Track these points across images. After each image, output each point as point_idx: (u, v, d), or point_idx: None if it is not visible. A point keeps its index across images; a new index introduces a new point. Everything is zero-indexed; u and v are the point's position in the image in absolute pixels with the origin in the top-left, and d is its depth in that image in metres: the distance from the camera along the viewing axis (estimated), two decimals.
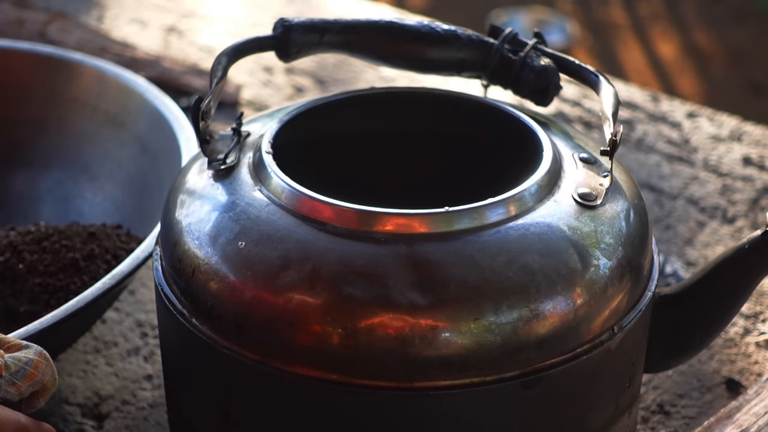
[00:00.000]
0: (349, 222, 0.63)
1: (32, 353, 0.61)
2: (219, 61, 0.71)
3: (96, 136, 0.98)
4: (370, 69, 1.29)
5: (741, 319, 0.93)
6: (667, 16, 2.75)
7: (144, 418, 0.84)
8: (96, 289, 0.73)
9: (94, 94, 0.98)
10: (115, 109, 0.97)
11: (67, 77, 1.00)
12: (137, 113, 0.95)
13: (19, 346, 0.62)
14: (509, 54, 0.74)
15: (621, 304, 0.65)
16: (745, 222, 1.05)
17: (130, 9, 1.42)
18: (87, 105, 0.98)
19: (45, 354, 0.62)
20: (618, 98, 0.69)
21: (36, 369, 0.61)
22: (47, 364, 0.61)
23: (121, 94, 0.97)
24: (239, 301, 0.62)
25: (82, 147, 0.98)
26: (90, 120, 0.98)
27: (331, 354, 0.61)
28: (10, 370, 0.60)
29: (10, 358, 0.60)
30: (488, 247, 0.62)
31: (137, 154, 0.94)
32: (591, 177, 0.68)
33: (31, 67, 1.01)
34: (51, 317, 0.71)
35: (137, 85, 0.96)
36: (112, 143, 0.96)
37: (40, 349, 0.62)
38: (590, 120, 1.20)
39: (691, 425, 0.83)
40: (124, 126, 0.96)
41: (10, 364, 0.60)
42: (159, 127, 0.92)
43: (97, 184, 0.97)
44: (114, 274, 0.75)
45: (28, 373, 0.60)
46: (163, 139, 0.91)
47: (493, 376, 0.61)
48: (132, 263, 0.76)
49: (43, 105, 1.00)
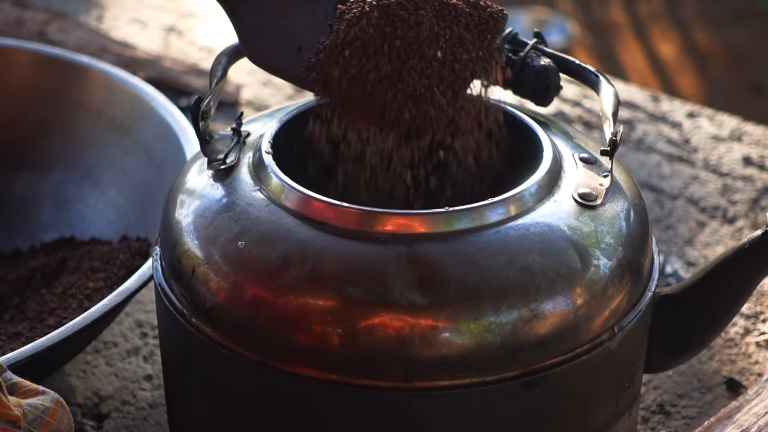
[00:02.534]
0: (349, 222, 0.62)
1: (49, 401, 0.62)
2: (219, 61, 0.71)
3: (100, 141, 0.97)
4: None
5: (741, 319, 0.93)
6: (667, 16, 2.75)
7: (144, 418, 0.83)
8: (103, 306, 0.73)
9: (99, 98, 0.97)
10: (121, 115, 0.96)
11: (73, 80, 0.99)
12: (143, 121, 0.94)
13: (35, 392, 0.63)
14: (509, 54, 0.74)
15: (621, 304, 0.64)
16: (745, 222, 1.05)
17: (130, 9, 1.42)
18: (92, 109, 0.97)
19: (61, 401, 0.63)
20: (618, 98, 0.69)
21: (52, 417, 0.61)
22: (63, 412, 0.62)
23: (127, 101, 0.96)
24: (239, 301, 0.62)
25: (85, 151, 0.97)
26: (95, 125, 0.97)
27: (331, 354, 0.61)
28: (27, 418, 0.61)
29: (27, 406, 0.61)
30: (488, 247, 0.62)
31: (142, 162, 0.93)
32: (591, 177, 0.68)
33: (36, 68, 1.00)
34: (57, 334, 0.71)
35: (144, 93, 0.95)
36: (117, 149, 0.95)
37: (57, 396, 0.63)
38: (590, 120, 1.20)
39: (691, 425, 0.83)
40: (129, 133, 0.95)
41: (27, 413, 0.61)
42: (165, 137, 0.91)
43: (99, 190, 0.96)
44: (120, 291, 0.74)
45: (45, 421, 0.61)
46: (169, 149, 0.90)
47: (493, 376, 0.61)
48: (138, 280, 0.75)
49: (47, 107, 0.99)
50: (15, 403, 0.60)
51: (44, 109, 0.99)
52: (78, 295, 0.83)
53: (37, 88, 1.00)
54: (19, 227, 0.97)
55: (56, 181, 0.98)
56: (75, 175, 0.97)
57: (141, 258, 0.84)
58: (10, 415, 0.59)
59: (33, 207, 0.97)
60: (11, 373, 0.63)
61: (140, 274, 0.75)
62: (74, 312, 0.81)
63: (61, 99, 0.99)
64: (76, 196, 0.97)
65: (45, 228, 0.96)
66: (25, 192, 0.97)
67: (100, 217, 0.95)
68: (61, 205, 0.97)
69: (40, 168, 0.99)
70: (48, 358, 0.74)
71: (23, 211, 0.98)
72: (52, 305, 0.83)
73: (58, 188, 0.98)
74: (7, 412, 0.59)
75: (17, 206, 0.98)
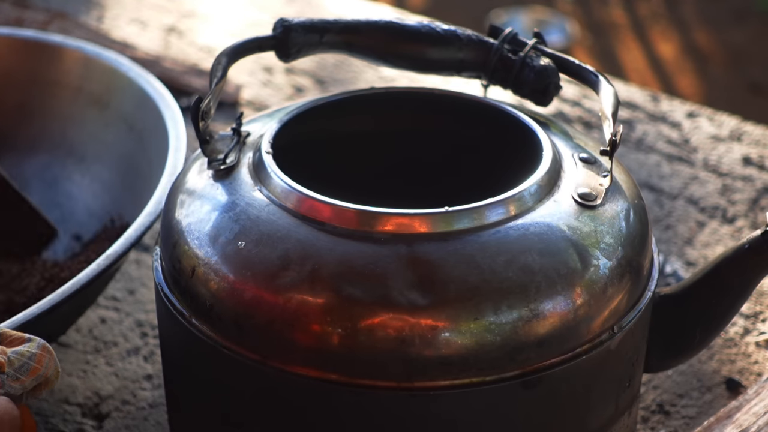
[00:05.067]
0: (349, 222, 0.63)
1: (35, 347, 0.61)
2: (219, 61, 0.71)
3: (81, 117, 0.97)
4: (370, 69, 1.29)
5: (741, 319, 0.93)
6: (667, 16, 2.75)
7: (144, 418, 0.84)
8: (91, 271, 0.73)
9: (76, 75, 0.97)
10: (98, 89, 0.96)
11: (48, 60, 0.99)
12: (122, 93, 0.94)
13: (22, 340, 0.62)
14: (509, 54, 0.74)
15: (621, 304, 0.65)
16: (745, 222, 1.05)
17: (130, 9, 1.42)
18: (70, 87, 0.98)
19: (47, 347, 0.62)
20: (618, 98, 0.69)
21: (39, 363, 0.61)
22: (50, 357, 0.61)
23: (104, 75, 0.96)
24: (239, 301, 0.62)
25: (67, 129, 0.97)
26: (74, 102, 0.97)
27: (331, 354, 0.61)
28: (14, 365, 0.60)
29: (12, 353, 0.60)
30: (488, 247, 0.62)
31: (123, 133, 0.94)
32: (591, 177, 0.68)
33: (11, 51, 1.00)
34: (48, 301, 0.71)
35: (121, 65, 0.95)
36: (97, 124, 0.96)
37: (43, 342, 0.62)
38: (590, 120, 1.20)
39: (691, 425, 0.83)
40: (109, 106, 0.95)
41: (13, 360, 0.60)
42: (144, 105, 0.91)
43: (84, 166, 0.96)
44: (108, 254, 0.74)
45: (32, 367, 0.60)
46: (149, 117, 0.90)
47: (493, 376, 0.61)
48: (125, 243, 0.75)
49: (25, 89, 0.99)
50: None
51: (22, 92, 0.99)
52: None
53: (14, 71, 1.00)
54: None
55: (42, 161, 0.98)
56: (59, 153, 0.98)
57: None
58: None
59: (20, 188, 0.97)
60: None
61: (126, 237, 0.76)
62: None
63: (39, 80, 0.99)
64: (62, 174, 0.97)
65: None
66: (12, 174, 0.96)
67: (87, 192, 0.95)
68: (49, 184, 0.97)
69: (24, 150, 0.99)
70: (40, 328, 0.73)
71: None
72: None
73: (44, 168, 0.98)
74: None
75: None
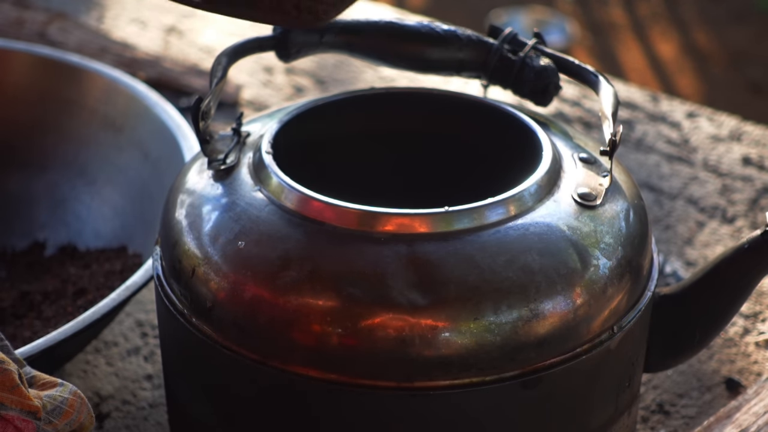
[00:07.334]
0: (349, 222, 0.63)
1: (67, 392, 0.63)
2: (219, 61, 0.71)
3: (94, 139, 0.97)
4: (370, 69, 1.29)
5: (741, 319, 0.93)
6: (667, 16, 2.75)
7: (144, 418, 0.84)
8: (111, 300, 0.74)
9: (92, 97, 0.98)
10: (114, 113, 0.96)
11: (67, 80, 0.99)
12: (137, 119, 0.94)
13: (54, 384, 0.63)
14: (509, 54, 0.74)
15: (621, 304, 0.65)
16: (744, 222, 1.05)
17: (130, 9, 1.42)
18: (86, 108, 0.98)
19: (79, 393, 0.63)
20: (618, 98, 0.69)
21: (71, 407, 0.62)
22: (82, 403, 0.63)
23: (120, 99, 0.96)
24: (239, 301, 0.62)
25: (80, 150, 0.97)
26: (89, 123, 0.97)
27: (331, 354, 0.61)
28: (47, 409, 0.61)
29: (46, 397, 0.62)
30: (488, 247, 0.62)
31: (137, 160, 0.93)
32: (591, 177, 0.68)
33: (29, 67, 1.01)
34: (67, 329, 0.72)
35: (138, 92, 0.95)
36: (111, 148, 0.96)
37: (74, 388, 0.63)
38: (590, 120, 1.20)
39: (690, 425, 0.83)
40: (123, 131, 0.95)
41: (46, 404, 0.61)
42: (160, 134, 0.91)
43: (95, 188, 0.96)
44: (128, 285, 0.75)
45: (64, 411, 0.62)
46: (164, 146, 0.90)
47: (493, 376, 0.61)
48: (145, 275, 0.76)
49: (40, 106, 0.99)
50: (34, 395, 0.61)
51: (37, 109, 1.00)
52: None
53: (30, 88, 1.00)
54: (15, 226, 0.97)
55: (51, 180, 0.98)
56: (69, 174, 0.98)
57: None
58: (30, 405, 0.59)
59: (28, 206, 0.97)
60: (30, 367, 0.64)
61: (140, 273, 0.76)
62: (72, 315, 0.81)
63: (54, 98, 0.99)
64: (71, 194, 0.97)
65: (42, 227, 0.97)
66: (20, 191, 0.97)
67: (96, 215, 0.95)
68: (57, 203, 0.97)
69: (34, 167, 0.99)
70: (49, 357, 0.74)
71: (19, 210, 0.98)
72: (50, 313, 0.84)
73: (53, 187, 0.98)
74: (28, 402, 0.59)
75: (13, 205, 0.98)
